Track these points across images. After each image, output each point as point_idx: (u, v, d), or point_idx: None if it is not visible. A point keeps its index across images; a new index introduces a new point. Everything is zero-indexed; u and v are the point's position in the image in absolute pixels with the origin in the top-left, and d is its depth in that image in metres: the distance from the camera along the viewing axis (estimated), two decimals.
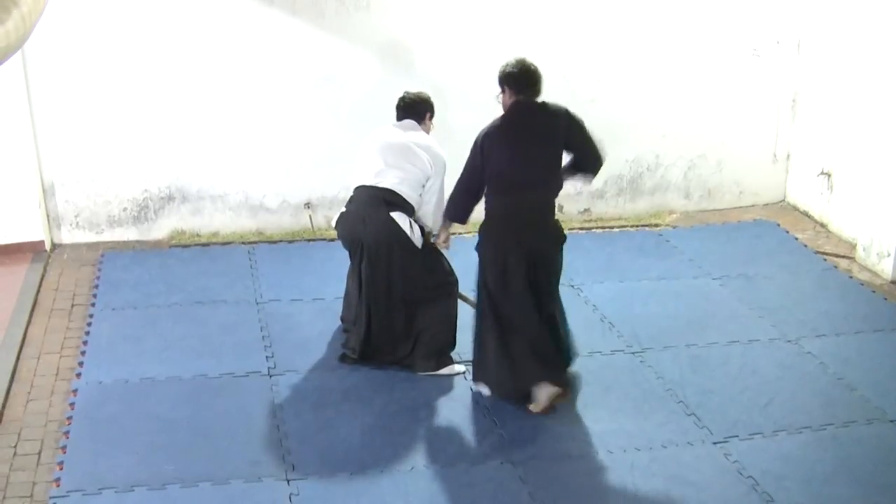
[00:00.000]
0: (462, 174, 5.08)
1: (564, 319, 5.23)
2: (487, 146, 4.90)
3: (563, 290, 5.98)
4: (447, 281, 5.44)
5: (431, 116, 5.52)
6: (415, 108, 5.45)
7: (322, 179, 7.14)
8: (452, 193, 5.20)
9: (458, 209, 5.16)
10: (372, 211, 5.24)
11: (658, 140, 7.70)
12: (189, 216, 7.13)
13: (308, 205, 7.23)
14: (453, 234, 5.55)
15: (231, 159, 7.07)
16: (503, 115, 4.98)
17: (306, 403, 5.12)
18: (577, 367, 5.47)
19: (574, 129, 4.93)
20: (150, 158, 6.95)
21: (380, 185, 5.28)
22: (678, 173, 7.87)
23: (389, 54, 6.99)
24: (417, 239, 5.32)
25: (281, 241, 7.14)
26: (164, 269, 6.63)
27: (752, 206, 8.00)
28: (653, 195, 7.88)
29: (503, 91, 4.95)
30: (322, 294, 6.27)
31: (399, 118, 5.48)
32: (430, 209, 5.43)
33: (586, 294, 6.42)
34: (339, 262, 5.64)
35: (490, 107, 5.13)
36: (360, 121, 5.93)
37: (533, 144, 4.96)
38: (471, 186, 5.06)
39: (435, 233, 5.47)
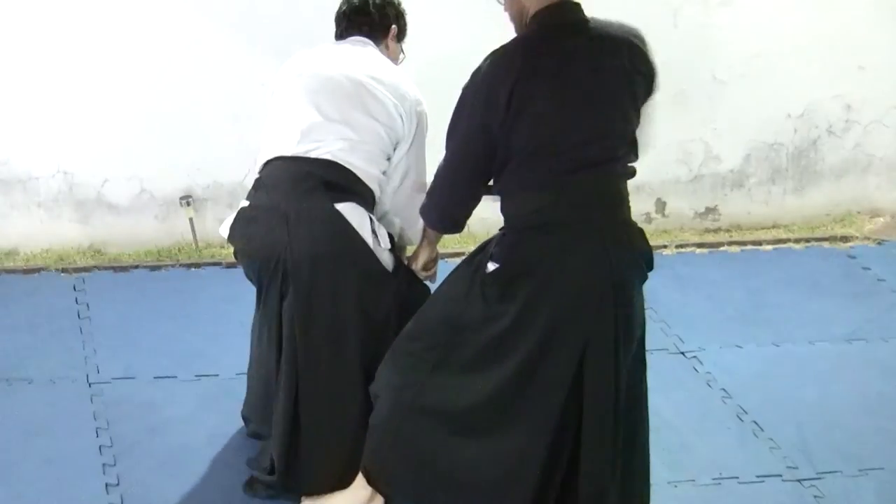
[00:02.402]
0: (452, 157, 3.60)
1: (647, 431, 3.55)
2: (520, 99, 3.32)
3: (664, 359, 4.90)
4: None
5: (402, 35, 4.09)
6: (370, 17, 3.98)
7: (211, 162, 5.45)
8: (436, 188, 3.71)
9: (449, 212, 3.71)
10: (300, 201, 3.80)
11: (848, 79, 5.47)
12: None
13: (187, 200, 5.50)
14: (443, 255, 4.36)
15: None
16: (532, 35, 3.40)
17: None
18: None
19: (651, 80, 3.40)
20: None
21: (310, 154, 3.87)
22: (889, 137, 5.53)
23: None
24: (384, 253, 3.85)
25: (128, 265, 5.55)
26: None
27: None
28: (839, 181, 5.74)
29: None
30: (210, 364, 4.58)
31: (341, 35, 4.02)
32: (403, 199, 3.95)
33: (707, 368, 4.84)
34: (249, 302, 4.00)
35: None
36: None
37: (603, 87, 3.37)
38: (473, 175, 3.58)
39: (413, 243, 3.98)
